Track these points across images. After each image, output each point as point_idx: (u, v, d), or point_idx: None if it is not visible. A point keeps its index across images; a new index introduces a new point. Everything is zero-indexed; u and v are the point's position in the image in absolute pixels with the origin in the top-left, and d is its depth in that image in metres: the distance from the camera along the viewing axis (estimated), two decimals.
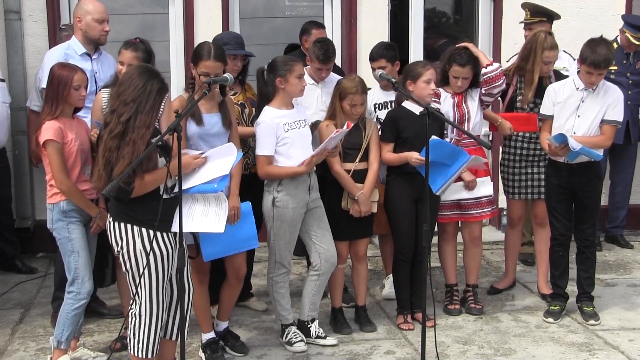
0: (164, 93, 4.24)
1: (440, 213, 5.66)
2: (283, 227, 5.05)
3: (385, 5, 7.52)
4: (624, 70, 6.99)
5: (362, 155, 5.34)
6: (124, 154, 4.07)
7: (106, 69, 5.64)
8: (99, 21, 5.59)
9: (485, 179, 5.65)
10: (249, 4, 7.57)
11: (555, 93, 5.45)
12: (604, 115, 5.35)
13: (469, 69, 5.54)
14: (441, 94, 5.63)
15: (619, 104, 5.37)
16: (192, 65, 4.83)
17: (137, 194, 4.14)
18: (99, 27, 5.59)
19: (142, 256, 4.19)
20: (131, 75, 4.21)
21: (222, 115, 4.86)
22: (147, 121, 4.13)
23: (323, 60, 5.64)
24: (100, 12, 5.61)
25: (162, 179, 4.15)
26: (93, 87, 5.45)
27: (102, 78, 5.56)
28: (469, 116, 5.63)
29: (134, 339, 4.29)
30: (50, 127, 4.65)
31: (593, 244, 5.63)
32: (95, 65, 5.61)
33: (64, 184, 4.65)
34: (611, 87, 5.44)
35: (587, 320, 5.57)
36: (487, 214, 5.75)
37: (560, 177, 5.43)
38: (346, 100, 5.27)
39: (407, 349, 5.21)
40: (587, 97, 5.35)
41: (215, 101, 4.87)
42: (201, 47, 4.84)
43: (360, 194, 5.24)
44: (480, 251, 5.92)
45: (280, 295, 5.20)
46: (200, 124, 4.76)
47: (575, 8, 7.04)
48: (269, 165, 5.01)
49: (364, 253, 5.56)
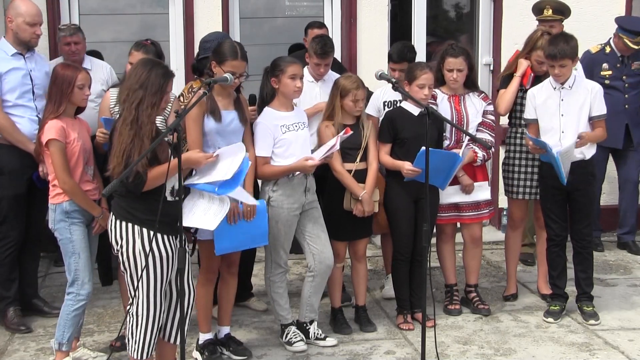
0: (169, 77, 4.26)
1: (438, 215, 5.66)
2: (278, 227, 5.05)
3: (385, 5, 7.53)
4: (619, 74, 6.93)
5: (362, 155, 5.35)
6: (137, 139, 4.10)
7: (41, 67, 5.57)
8: (31, 24, 5.43)
9: (483, 184, 5.64)
10: (249, 4, 7.57)
11: (534, 96, 5.50)
12: (589, 112, 5.39)
13: (462, 60, 5.52)
14: (437, 95, 5.61)
15: (598, 97, 5.43)
16: (215, 63, 4.83)
17: (147, 187, 4.13)
18: (30, 30, 5.43)
19: (141, 256, 4.19)
20: (136, 68, 4.27)
21: (239, 112, 4.89)
22: (153, 102, 4.16)
23: (320, 55, 5.65)
24: (32, 15, 5.43)
25: (172, 172, 4.12)
26: (29, 86, 5.43)
27: (38, 76, 5.50)
28: (467, 120, 5.59)
29: (131, 339, 4.28)
30: (53, 126, 4.65)
31: (590, 244, 5.63)
32: (29, 64, 5.50)
33: (67, 184, 4.65)
34: (587, 82, 5.54)
35: (587, 320, 5.57)
36: (484, 215, 5.75)
37: (554, 178, 5.44)
38: (349, 97, 5.26)
39: (407, 349, 5.22)
40: (566, 96, 5.39)
41: (230, 98, 4.90)
42: (226, 46, 4.84)
43: (363, 194, 5.24)
44: (481, 251, 5.92)
45: (278, 295, 5.20)
46: (218, 121, 4.78)
47: (576, 8, 7.03)
48: (264, 165, 5.02)
49: (364, 253, 5.56)
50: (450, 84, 5.60)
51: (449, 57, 5.54)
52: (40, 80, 5.47)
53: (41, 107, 5.46)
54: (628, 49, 6.89)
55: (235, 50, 4.80)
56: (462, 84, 5.61)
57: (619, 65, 6.97)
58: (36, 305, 5.76)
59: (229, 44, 4.88)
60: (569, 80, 5.40)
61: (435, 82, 5.59)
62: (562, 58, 5.28)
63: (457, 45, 5.63)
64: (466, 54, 5.57)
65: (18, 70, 5.43)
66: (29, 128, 5.38)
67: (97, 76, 6.09)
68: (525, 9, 7.02)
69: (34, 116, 5.42)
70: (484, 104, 5.65)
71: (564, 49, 5.27)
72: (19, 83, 5.42)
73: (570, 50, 5.29)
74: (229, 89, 4.84)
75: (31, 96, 5.45)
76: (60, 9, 7.08)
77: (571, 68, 5.38)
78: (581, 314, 5.65)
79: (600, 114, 5.44)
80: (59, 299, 5.53)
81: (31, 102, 5.45)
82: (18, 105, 5.41)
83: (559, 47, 5.28)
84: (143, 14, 7.50)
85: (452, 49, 5.56)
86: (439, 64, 5.62)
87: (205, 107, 4.69)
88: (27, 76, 5.46)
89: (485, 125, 5.64)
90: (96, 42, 6.96)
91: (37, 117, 5.40)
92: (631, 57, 6.99)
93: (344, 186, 5.29)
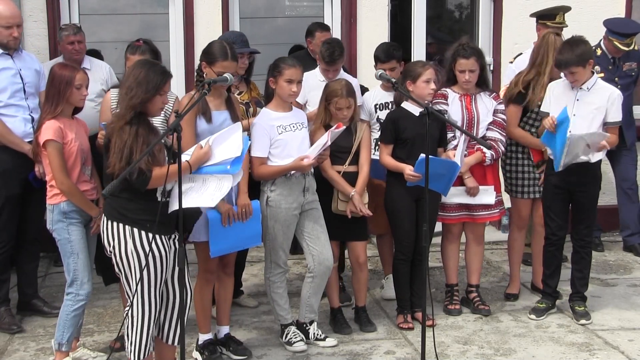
0: (167, 76, 4.27)
1: (447, 214, 5.65)
2: (276, 227, 5.05)
3: (385, 5, 7.53)
4: (611, 75, 6.91)
5: (352, 159, 5.33)
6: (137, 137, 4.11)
7: (30, 65, 5.55)
8: (6, 27, 5.38)
9: (489, 188, 5.60)
10: (249, 4, 7.57)
11: (552, 89, 5.49)
12: (605, 117, 5.37)
13: (473, 61, 5.50)
14: (448, 95, 5.60)
15: (615, 103, 5.39)
16: (205, 64, 4.83)
17: (152, 185, 4.13)
18: (6, 32, 5.38)
19: (134, 257, 4.18)
20: (134, 68, 4.28)
21: (230, 112, 4.89)
22: (150, 99, 4.17)
23: (328, 62, 5.68)
24: (7, 17, 5.37)
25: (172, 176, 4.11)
26: (20, 85, 5.42)
27: (28, 74, 5.48)
28: (478, 119, 5.57)
29: (128, 340, 4.28)
30: (50, 127, 4.64)
31: (589, 244, 5.63)
32: (18, 63, 5.48)
33: (64, 184, 4.64)
34: (606, 87, 5.47)
35: (579, 320, 5.58)
36: (495, 215, 5.73)
37: (558, 177, 5.44)
38: (332, 104, 5.26)
39: (407, 349, 5.22)
40: (582, 96, 5.37)
41: (222, 98, 4.89)
42: (216, 47, 4.83)
43: (353, 194, 5.24)
44: (482, 250, 5.91)
45: (278, 296, 5.20)
46: (209, 122, 4.77)
47: (576, 8, 7.03)
48: (260, 165, 5.02)
49: (365, 259, 5.53)
50: (462, 85, 5.58)
51: (461, 59, 5.51)
52: (30, 79, 5.46)
53: (34, 106, 5.47)
54: (618, 51, 6.92)
55: (225, 51, 4.78)
56: (474, 84, 5.60)
57: (611, 67, 6.98)
58: (36, 305, 5.76)
59: (220, 44, 4.86)
60: (588, 82, 5.36)
61: (447, 81, 5.58)
62: (567, 67, 5.27)
63: (469, 46, 5.56)
64: (477, 55, 5.53)
65: (7, 70, 5.42)
66: (22, 127, 5.38)
67: (96, 76, 6.10)
68: (525, 9, 7.03)
69: (27, 115, 5.42)
70: (494, 103, 5.62)
71: (568, 59, 5.25)
72: (9, 82, 5.40)
73: (576, 59, 5.25)
74: (220, 89, 4.83)
75: (23, 95, 5.44)
76: (60, 8, 7.08)
77: (584, 72, 5.31)
78: (573, 313, 5.66)
79: (616, 121, 5.41)
80: (58, 299, 5.52)
81: (23, 100, 5.44)
82: (10, 105, 5.39)
83: (565, 56, 5.27)
84: (143, 14, 7.50)
85: (464, 49, 5.51)
86: (451, 63, 5.60)
87: (197, 109, 4.66)
88: (17, 75, 5.44)
89: (496, 124, 5.61)
90: (96, 42, 6.97)
91: (30, 116, 5.41)
92: (622, 59, 7.01)
93: (334, 188, 5.28)
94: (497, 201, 5.70)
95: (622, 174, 7.20)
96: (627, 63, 7.02)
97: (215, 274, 5.00)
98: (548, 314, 5.70)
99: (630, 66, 7.03)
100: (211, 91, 4.54)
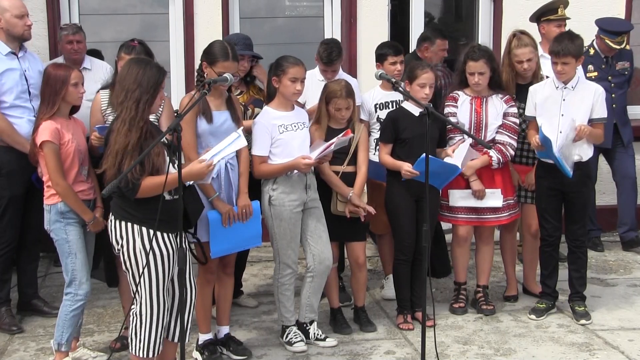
0: (163, 74, 4.26)
1: (455, 215, 5.64)
2: (282, 226, 5.05)
3: (385, 5, 7.53)
4: (604, 74, 6.97)
5: (350, 159, 5.34)
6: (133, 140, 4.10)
7: (34, 66, 5.55)
8: (19, 16, 5.41)
9: (496, 191, 5.57)
10: (249, 4, 7.57)
11: (535, 93, 5.48)
12: (590, 114, 5.38)
13: (482, 63, 5.49)
14: (459, 97, 5.60)
15: (600, 99, 5.41)
16: (206, 64, 4.82)
17: (142, 195, 4.12)
18: (20, 22, 5.41)
19: (142, 255, 4.19)
20: (129, 67, 4.25)
21: (231, 112, 4.88)
22: (149, 99, 4.16)
23: (326, 63, 5.69)
24: (18, 7, 5.41)
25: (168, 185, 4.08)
26: (25, 86, 5.42)
27: (33, 75, 5.47)
28: (486, 122, 5.55)
29: (136, 338, 4.28)
30: (47, 127, 4.63)
31: (584, 244, 5.64)
32: (23, 64, 5.48)
33: (59, 186, 4.63)
34: (590, 84, 5.51)
35: (579, 320, 5.58)
36: (504, 219, 5.69)
37: (550, 179, 5.44)
38: (331, 104, 5.26)
39: (407, 349, 5.22)
40: (567, 96, 5.38)
41: (223, 98, 4.89)
42: (217, 47, 4.82)
43: (351, 194, 5.24)
44: (492, 249, 5.86)
45: (285, 298, 5.19)
46: (209, 122, 4.77)
47: (576, 8, 7.04)
48: (261, 164, 5.02)
49: (364, 260, 5.53)
50: (473, 87, 5.58)
51: (470, 61, 5.52)
52: (34, 80, 5.44)
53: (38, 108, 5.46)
54: (611, 50, 6.97)
55: (226, 51, 4.78)
56: (485, 86, 5.58)
57: (604, 66, 7.04)
58: (36, 306, 5.76)
59: (221, 44, 4.86)
60: (572, 81, 5.38)
61: (459, 84, 5.58)
62: (565, 55, 5.27)
63: (479, 48, 5.58)
64: (487, 57, 5.53)
65: (13, 71, 5.41)
66: (27, 129, 5.33)
67: (97, 76, 6.09)
68: (525, 9, 7.03)
69: (31, 116, 5.37)
70: (505, 106, 5.59)
71: (568, 47, 5.26)
72: (15, 83, 5.39)
73: (575, 49, 5.28)
74: (220, 89, 4.83)
75: (28, 96, 5.43)
76: (60, 8, 7.08)
77: (575, 67, 5.36)
78: (573, 313, 5.66)
79: (601, 117, 5.43)
80: (58, 299, 5.50)
81: (28, 102, 5.43)
82: (15, 106, 5.39)
83: (563, 44, 5.28)
84: (143, 14, 7.50)
85: (474, 51, 5.53)
86: (462, 66, 5.60)
87: (197, 109, 4.66)
88: (23, 76, 5.44)
89: (505, 128, 5.58)
90: (96, 42, 6.97)
91: (35, 118, 5.40)
92: (615, 58, 7.07)
93: (332, 188, 5.28)
94: (507, 205, 5.65)
95: (622, 170, 7.24)
96: (620, 62, 7.09)
97: (215, 274, 5.00)
98: (548, 314, 5.71)
99: (623, 65, 7.11)
100: (212, 91, 4.54)
